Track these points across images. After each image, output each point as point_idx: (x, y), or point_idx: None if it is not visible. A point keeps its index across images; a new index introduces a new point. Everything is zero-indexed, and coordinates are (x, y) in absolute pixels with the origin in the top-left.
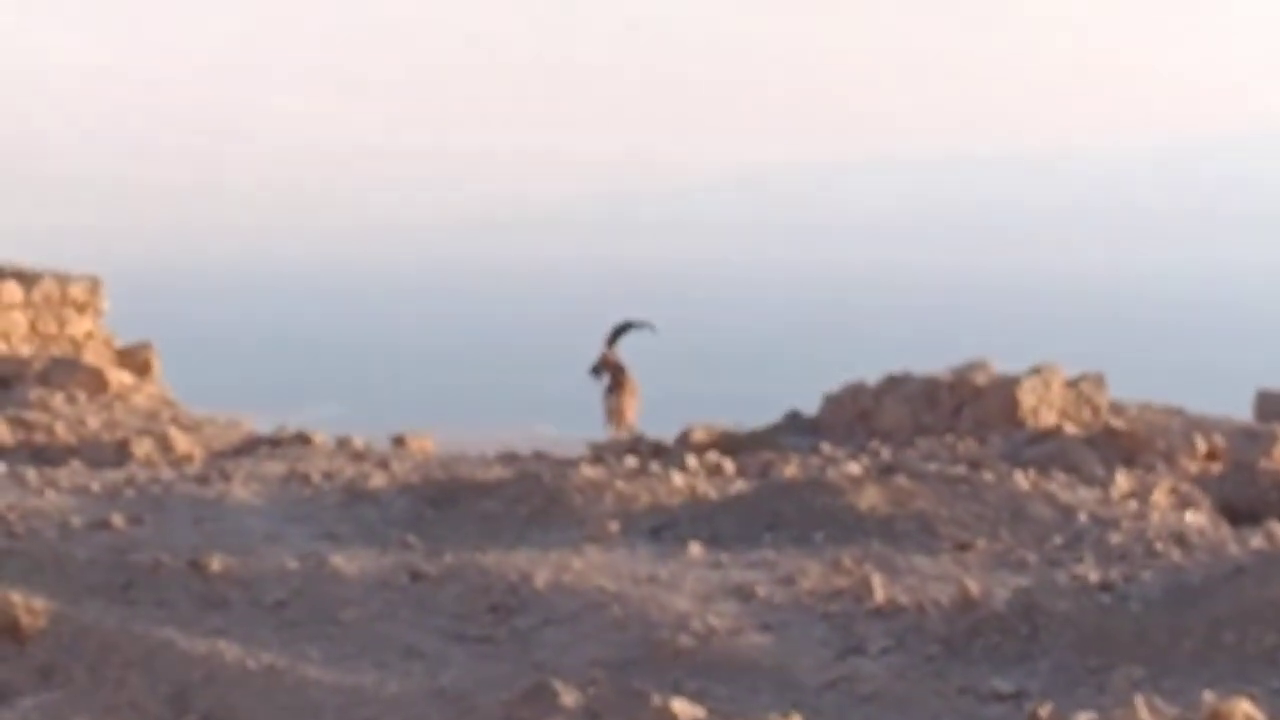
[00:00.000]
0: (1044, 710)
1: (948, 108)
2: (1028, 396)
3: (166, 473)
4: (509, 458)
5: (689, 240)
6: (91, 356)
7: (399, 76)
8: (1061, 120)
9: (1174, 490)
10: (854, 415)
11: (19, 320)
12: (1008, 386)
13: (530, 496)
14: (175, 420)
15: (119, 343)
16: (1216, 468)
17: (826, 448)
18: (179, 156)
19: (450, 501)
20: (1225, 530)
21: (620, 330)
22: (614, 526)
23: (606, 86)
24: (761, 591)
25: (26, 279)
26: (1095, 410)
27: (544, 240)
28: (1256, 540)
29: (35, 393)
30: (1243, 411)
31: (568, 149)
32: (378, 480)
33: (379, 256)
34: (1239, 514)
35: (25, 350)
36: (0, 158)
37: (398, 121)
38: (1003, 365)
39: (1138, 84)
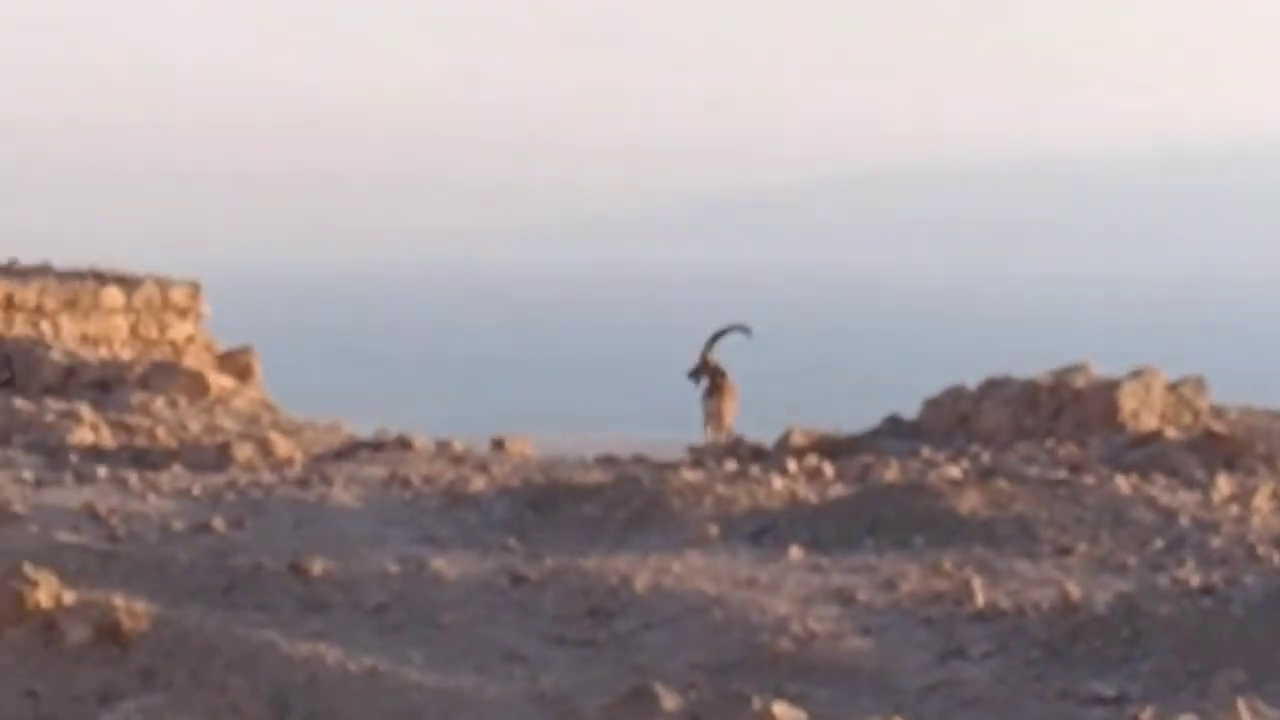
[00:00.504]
0: (1145, 714)
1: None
2: (1128, 400)
3: (267, 476)
4: (608, 461)
5: (788, 241)
6: (192, 360)
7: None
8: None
9: (1275, 494)
10: (953, 419)
11: (120, 324)
12: (1108, 390)
13: (630, 500)
14: (275, 424)
15: (220, 347)
16: None
17: (926, 451)
18: (282, 154)
19: (550, 505)
20: None
21: (718, 335)
22: (713, 530)
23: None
24: (862, 595)
25: (128, 283)
26: (1196, 414)
27: (651, 245)
28: None
29: (136, 397)
30: None
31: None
32: (478, 484)
33: (481, 260)
34: None
35: (126, 355)
36: (101, 155)
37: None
38: (1102, 369)
39: None
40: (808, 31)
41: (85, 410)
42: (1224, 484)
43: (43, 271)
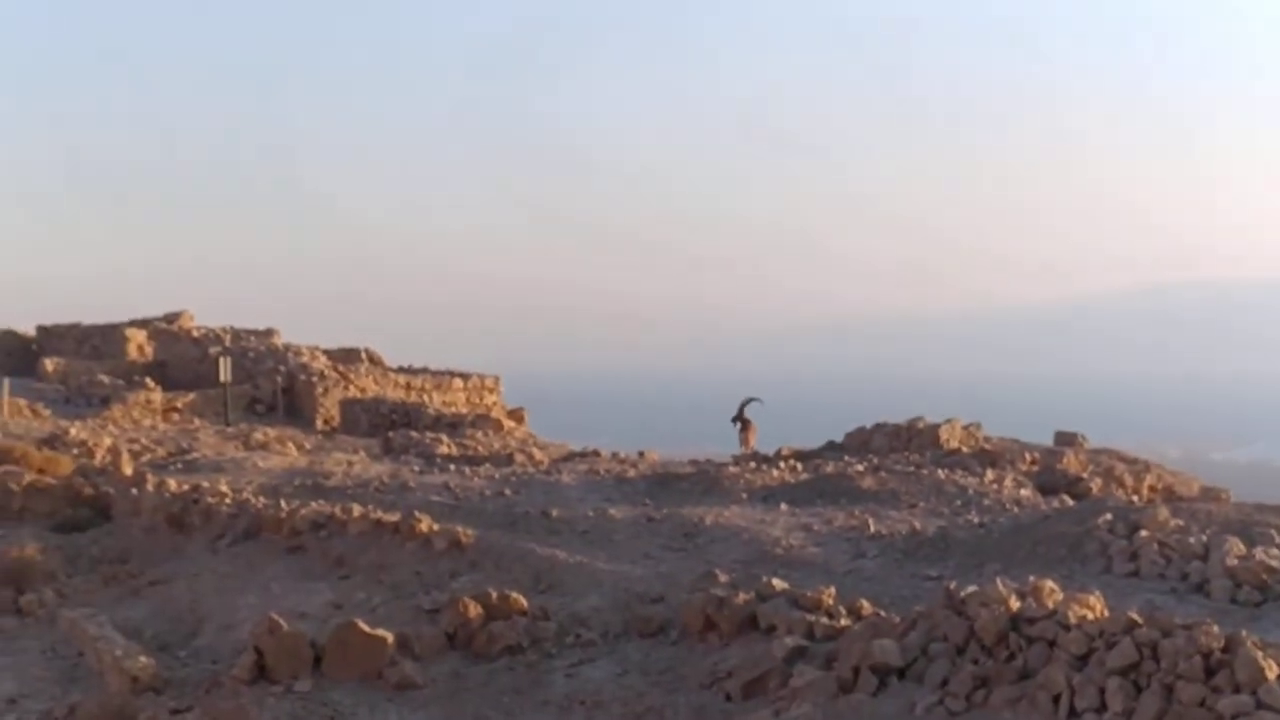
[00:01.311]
0: (951, 584)
1: None
2: (944, 433)
3: (530, 469)
4: (694, 463)
5: None
6: (496, 413)
7: None
8: None
9: (1015, 479)
10: (859, 443)
11: (461, 396)
12: (934, 429)
13: (704, 480)
14: (535, 444)
15: (508, 407)
16: (1034, 468)
17: (847, 457)
18: None
19: (666, 483)
20: (1039, 498)
21: (746, 401)
22: (744, 495)
23: None
24: (815, 528)
25: (466, 377)
26: (976, 439)
27: None
28: (1055, 503)
29: (469, 431)
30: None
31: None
32: (631, 473)
33: None
34: (1046, 490)
35: (464, 410)
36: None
37: None
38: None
39: None
40: None
41: (444, 437)
42: (990, 474)
43: (423, 370)
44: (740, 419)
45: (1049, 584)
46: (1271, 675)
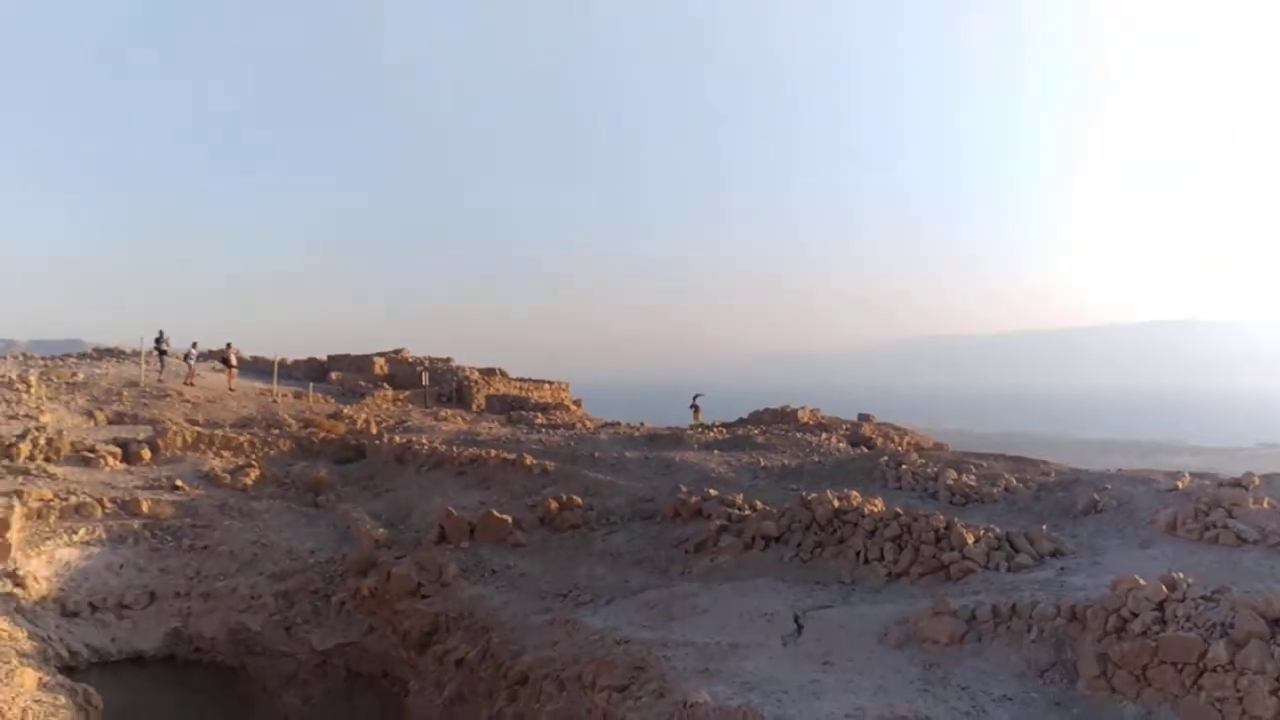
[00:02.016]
0: (808, 495)
1: None
2: (801, 414)
3: (584, 432)
4: (670, 429)
5: None
6: (566, 401)
7: None
8: None
9: (837, 438)
10: (755, 419)
11: (548, 393)
12: (794, 411)
13: (675, 438)
14: (587, 419)
15: (574, 398)
16: (846, 432)
17: (749, 427)
18: None
19: (655, 439)
20: (850, 448)
21: (696, 395)
22: (695, 446)
23: None
24: (733, 464)
25: (551, 383)
26: (817, 417)
27: None
28: (858, 451)
29: (552, 412)
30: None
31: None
32: (636, 434)
33: None
34: (854, 444)
35: (549, 400)
36: None
37: None
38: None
39: None
40: None
41: (539, 414)
42: (824, 435)
43: (529, 379)
44: (693, 405)
45: (854, 493)
46: (970, 540)
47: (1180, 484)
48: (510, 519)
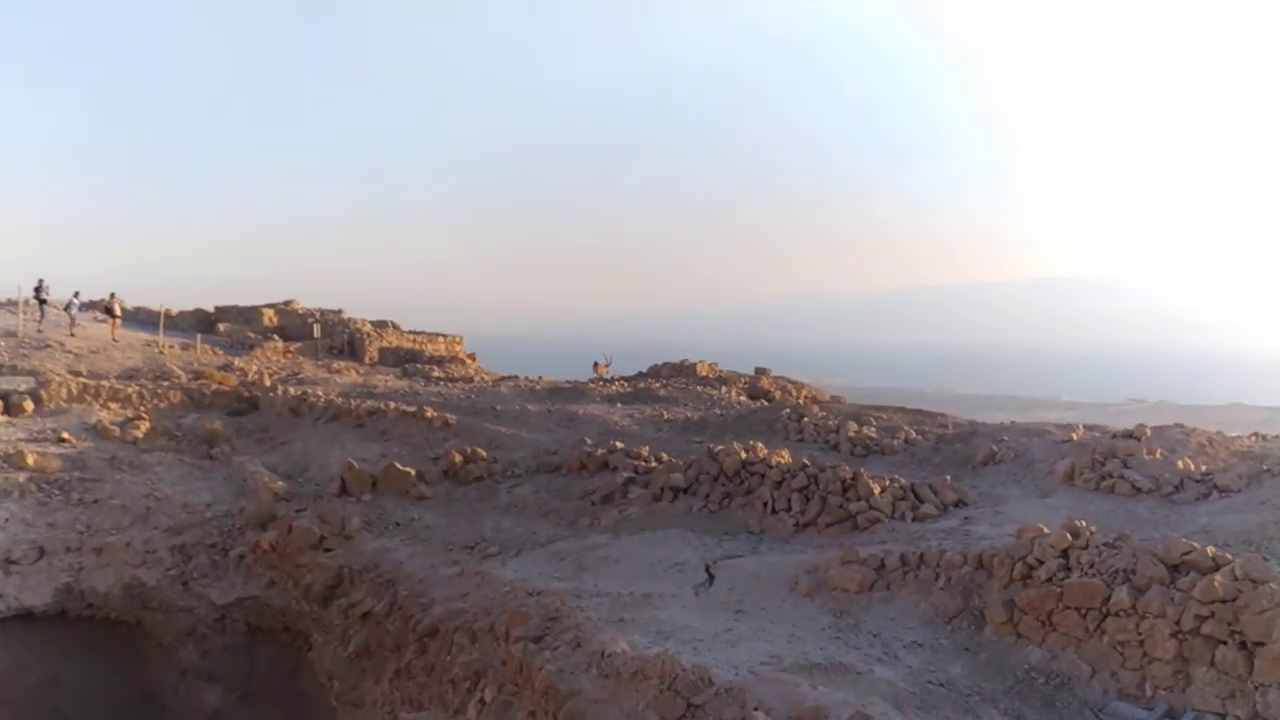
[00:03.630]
0: (715, 447)
1: None
2: (700, 368)
3: (482, 385)
4: (570, 382)
5: None
6: (461, 355)
7: None
8: None
9: (736, 391)
10: (655, 373)
11: (442, 346)
12: (693, 365)
13: (576, 391)
14: (483, 373)
15: (468, 351)
16: (745, 385)
17: (650, 380)
18: None
19: (556, 392)
20: (750, 401)
21: (607, 358)
22: (598, 399)
23: None
24: (636, 416)
25: (445, 336)
26: (716, 370)
27: None
28: (758, 404)
29: (447, 365)
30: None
31: None
32: (537, 387)
33: None
34: (753, 397)
35: (444, 353)
36: None
37: None
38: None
39: None
40: None
41: (435, 368)
42: (724, 389)
43: (421, 332)
44: (595, 365)
45: (760, 444)
46: (877, 490)
47: (1075, 436)
48: (413, 472)
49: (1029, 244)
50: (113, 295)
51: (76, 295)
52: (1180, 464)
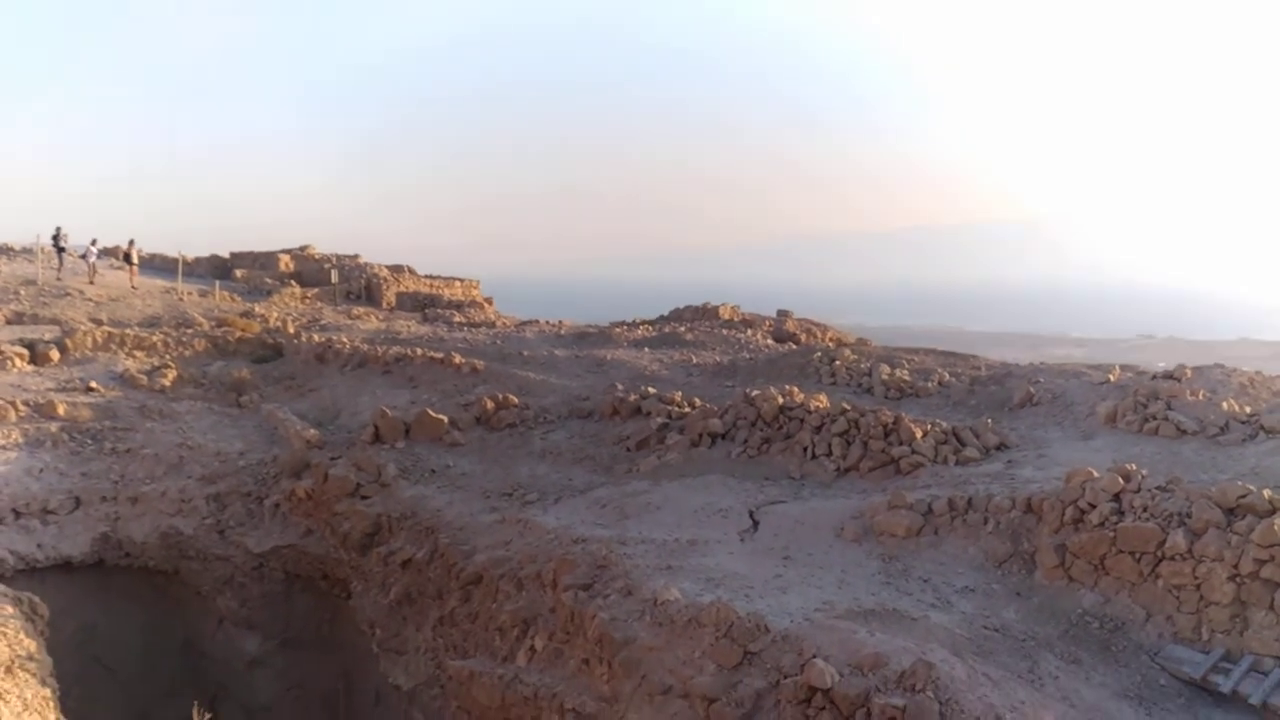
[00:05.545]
0: (751, 391)
1: None
2: (722, 311)
3: (506, 330)
4: (591, 325)
5: None
6: (478, 299)
7: None
8: None
9: (762, 334)
10: (691, 316)
11: (460, 290)
12: (716, 308)
13: (602, 336)
14: (502, 317)
15: (485, 295)
16: (770, 328)
17: (678, 325)
18: None
19: (582, 337)
20: (777, 345)
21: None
22: (625, 344)
23: None
24: (664, 361)
25: (461, 280)
26: (739, 313)
27: None
28: (786, 348)
29: (466, 310)
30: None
31: None
32: (561, 332)
33: None
34: (779, 340)
35: (461, 298)
36: None
37: None
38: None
39: None
40: None
41: (455, 313)
42: (749, 332)
43: (438, 276)
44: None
45: (795, 389)
46: (919, 435)
47: (1112, 377)
48: (446, 418)
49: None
50: (131, 242)
51: (94, 243)
52: (1224, 405)
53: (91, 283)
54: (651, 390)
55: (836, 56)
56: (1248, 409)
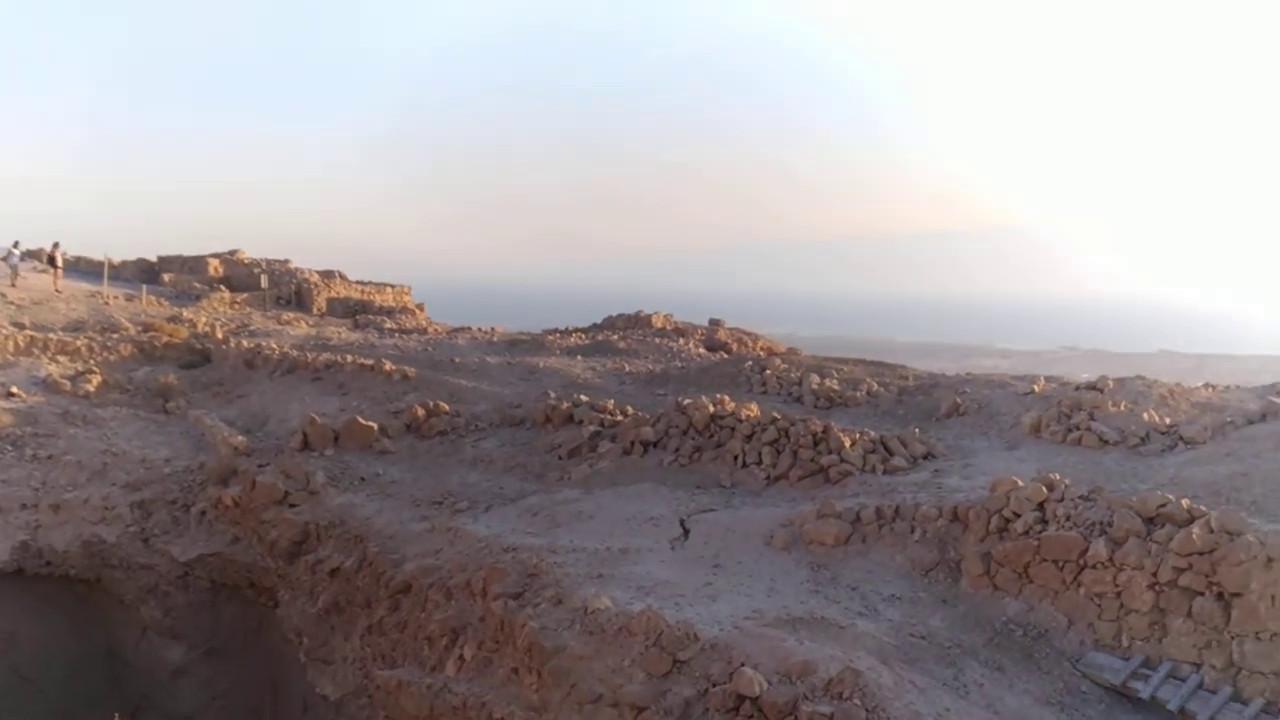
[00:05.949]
0: (683, 400)
1: None
2: (655, 320)
3: (437, 337)
4: (524, 333)
5: None
6: (410, 305)
7: None
8: None
9: (694, 343)
10: (624, 324)
11: (390, 296)
12: (649, 316)
13: (535, 343)
14: (434, 324)
15: (416, 301)
16: (702, 337)
17: (610, 333)
18: None
19: (514, 344)
20: (709, 353)
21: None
22: (557, 351)
23: None
24: (598, 369)
25: (393, 286)
26: (671, 321)
27: None
28: (718, 356)
29: (398, 316)
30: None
31: None
32: (494, 339)
33: None
34: (711, 349)
35: (393, 304)
36: None
37: None
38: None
39: None
40: None
41: (386, 319)
42: (681, 340)
43: (369, 282)
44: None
45: (726, 398)
46: (848, 444)
47: (1036, 388)
48: (376, 426)
49: (962, 194)
50: (55, 245)
51: (16, 245)
52: (1145, 416)
53: (13, 285)
54: (584, 398)
55: (768, 73)
56: (1168, 420)
